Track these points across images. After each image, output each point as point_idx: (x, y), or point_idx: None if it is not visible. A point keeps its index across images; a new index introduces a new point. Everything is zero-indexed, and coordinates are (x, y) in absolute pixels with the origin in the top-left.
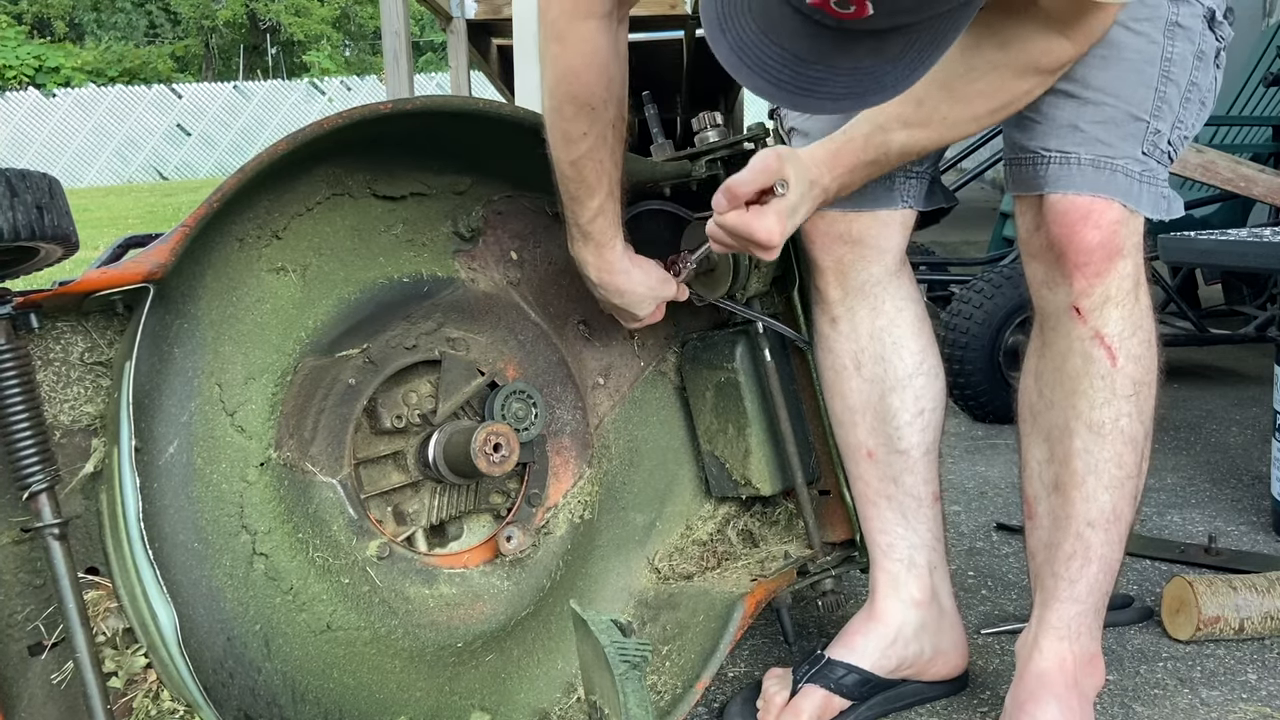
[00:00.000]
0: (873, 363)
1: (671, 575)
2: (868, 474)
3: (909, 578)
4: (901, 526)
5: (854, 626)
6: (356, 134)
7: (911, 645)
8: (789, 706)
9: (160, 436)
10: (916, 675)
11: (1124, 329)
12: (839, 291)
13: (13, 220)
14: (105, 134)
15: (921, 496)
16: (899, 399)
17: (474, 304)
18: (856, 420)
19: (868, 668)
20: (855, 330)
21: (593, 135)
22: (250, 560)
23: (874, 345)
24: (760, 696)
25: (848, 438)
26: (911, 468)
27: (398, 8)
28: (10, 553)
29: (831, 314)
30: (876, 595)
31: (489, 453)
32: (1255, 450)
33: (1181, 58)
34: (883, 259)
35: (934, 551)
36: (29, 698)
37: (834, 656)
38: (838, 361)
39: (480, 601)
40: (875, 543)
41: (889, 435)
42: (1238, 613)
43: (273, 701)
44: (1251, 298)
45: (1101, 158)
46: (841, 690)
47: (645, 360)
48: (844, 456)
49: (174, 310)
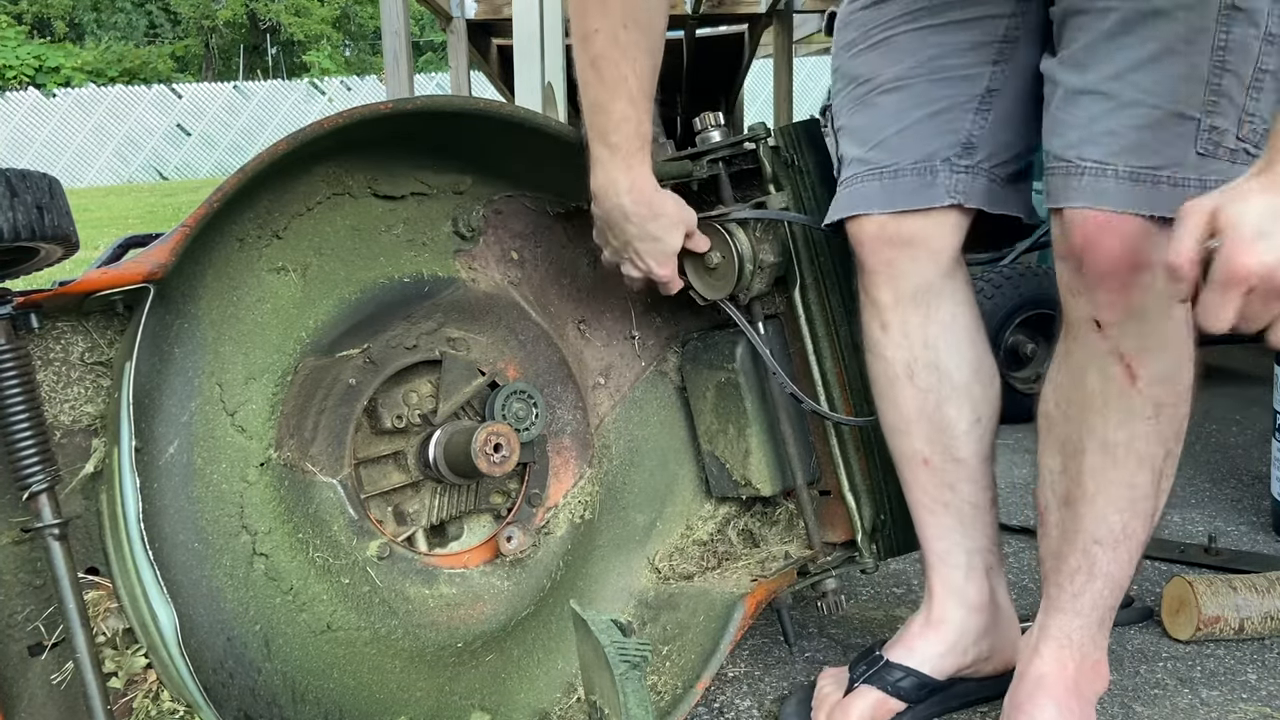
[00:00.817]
0: (926, 371)
1: (672, 575)
2: (924, 481)
3: (967, 583)
4: (958, 533)
5: (913, 629)
6: (357, 134)
7: (971, 651)
8: (841, 704)
9: (160, 436)
10: (972, 674)
11: (1147, 346)
12: (890, 296)
13: (13, 220)
14: (105, 134)
15: (979, 503)
16: (955, 409)
17: (474, 304)
18: (911, 429)
19: (927, 671)
20: (908, 337)
21: (605, 32)
22: (250, 560)
23: (927, 353)
24: (814, 695)
25: (902, 445)
26: (969, 475)
27: (398, 8)
28: (10, 553)
29: (882, 319)
30: (934, 600)
31: (489, 453)
32: (1255, 450)
33: (1241, 44)
34: (936, 261)
35: (990, 554)
36: (29, 698)
37: (892, 658)
38: (890, 369)
39: (480, 601)
40: (932, 549)
41: (945, 445)
42: (1238, 613)
43: (273, 702)
44: None
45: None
46: (898, 693)
47: (645, 360)
48: (898, 463)
49: (174, 310)
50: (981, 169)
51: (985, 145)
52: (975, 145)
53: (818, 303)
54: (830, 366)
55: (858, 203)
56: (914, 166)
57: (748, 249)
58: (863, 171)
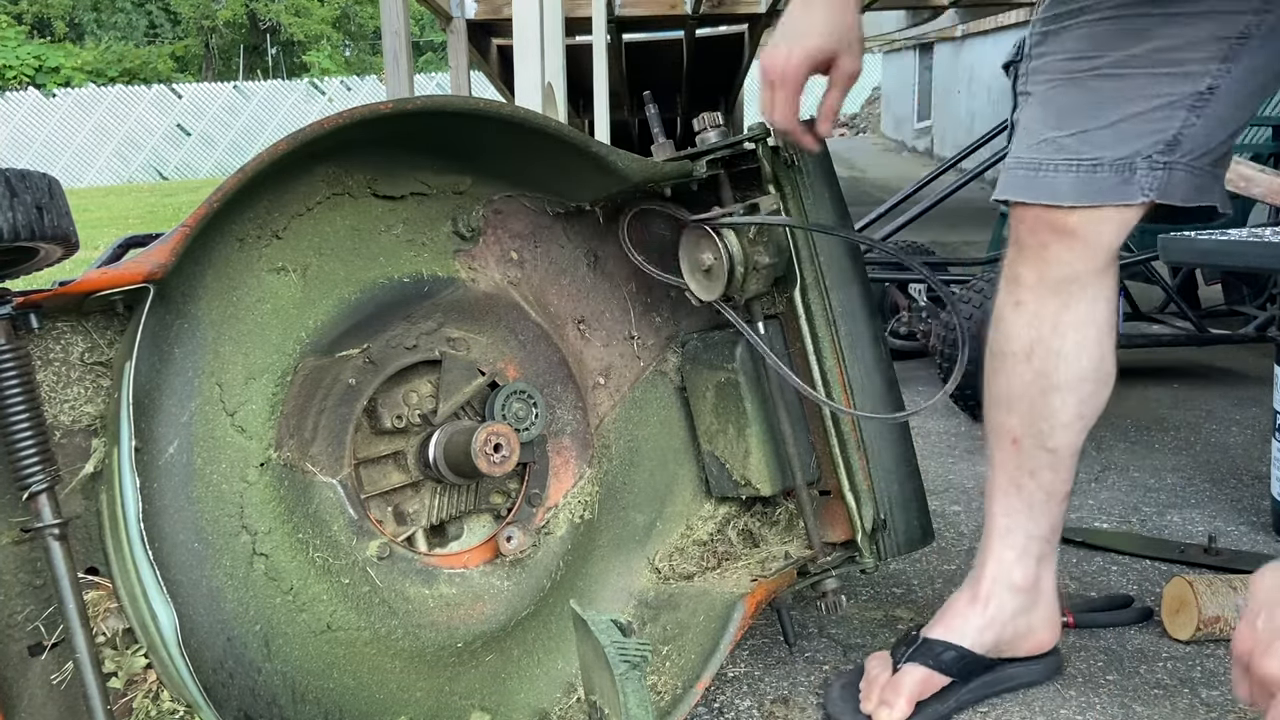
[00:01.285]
0: (1045, 356)
1: (672, 575)
2: (1007, 460)
3: (1017, 566)
4: (1024, 516)
5: (953, 608)
6: (357, 134)
7: (1009, 626)
8: (890, 683)
9: (160, 436)
10: (1012, 652)
11: None
12: (1034, 276)
13: (13, 220)
14: (105, 134)
15: (1054, 493)
16: (1060, 400)
17: (474, 304)
18: (1012, 406)
19: (967, 645)
20: (1039, 318)
21: None
22: (250, 560)
23: (1054, 340)
24: (863, 679)
25: (997, 418)
26: (1054, 465)
27: (398, 8)
28: (10, 553)
29: (1018, 296)
30: (982, 576)
31: (489, 453)
32: (1255, 450)
33: None
34: (1091, 256)
35: (1047, 544)
36: (29, 698)
37: (932, 636)
38: (1009, 345)
39: (480, 601)
40: (995, 524)
41: (1040, 431)
42: (1238, 613)
43: (273, 702)
44: (1251, 298)
45: None
46: (941, 666)
47: (645, 360)
48: (988, 432)
49: (174, 310)
50: (1180, 163)
51: (1190, 141)
52: (1180, 142)
53: (818, 303)
54: (830, 366)
55: (1043, 191)
56: (1114, 163)
57: (739, 251)
58: (1057, 159)
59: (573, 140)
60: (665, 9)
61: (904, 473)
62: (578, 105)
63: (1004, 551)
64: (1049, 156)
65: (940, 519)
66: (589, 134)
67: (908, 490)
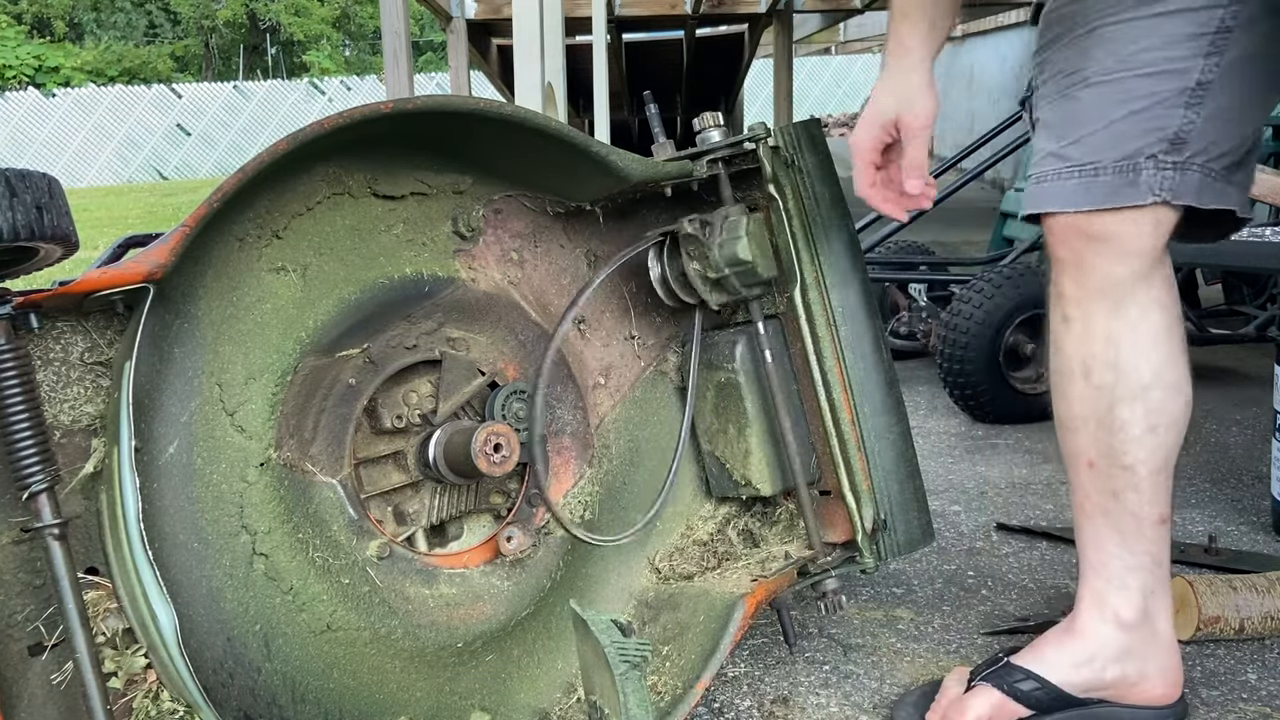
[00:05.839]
0: (1103, 369)
1: (672, 575)
2: (1086, 484)
3: (1118, 598)
4: (1115, 544)
5: (1049, 638)
6: (357, 133)
7: (1111, 669)
8: (957, 701)
9: (160, 436)
10: (1117, 698)
11: None
12: (1074, 288)
13: (12, 220)
14: (105, 134)
15: (1143, 516)
16: (1129, 411)
17: (474, 304)
18: (1080, 427)
19: (1053, 680)
20: (1089, 332)
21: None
22: (250, 560)
23: (1107, 351)
24: (940, 692)
25: (1069, 443)
26: (1135, 485)
27: (398, 8)
28: (10, 553)
29: (1064, 311)
30: (1080, 611)
31: (489, 453)
32: (1255, 450)
33: None
34: (1129, 261)
35: (1152, 575)
36: (29, 698)
37: (1017, 662)
38: (1066, 364)
39: (480, 601)
40: (1085, 557)
41: (1112, 448)
42: (1238, 613)
43: (273, 702)
44: (1251, 298)
45: None
46: (1016, 695)
47: (645, 360)
48: (1065, 462)
49: (174, 310)
50: (1193, 164)
51: (1198, 140)
52: (1186, 140)
53: (818, 303)
54: (830, 366)
55: (1052, 200)
56: (1116, 164)
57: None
58: (1060, 168)
59: (573, 140)
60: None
61: (904, 473)
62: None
63: (1098, 583)
64: (1053, 168)
65: (940, 519)
66: (589, 134)
67: (908, 490)
